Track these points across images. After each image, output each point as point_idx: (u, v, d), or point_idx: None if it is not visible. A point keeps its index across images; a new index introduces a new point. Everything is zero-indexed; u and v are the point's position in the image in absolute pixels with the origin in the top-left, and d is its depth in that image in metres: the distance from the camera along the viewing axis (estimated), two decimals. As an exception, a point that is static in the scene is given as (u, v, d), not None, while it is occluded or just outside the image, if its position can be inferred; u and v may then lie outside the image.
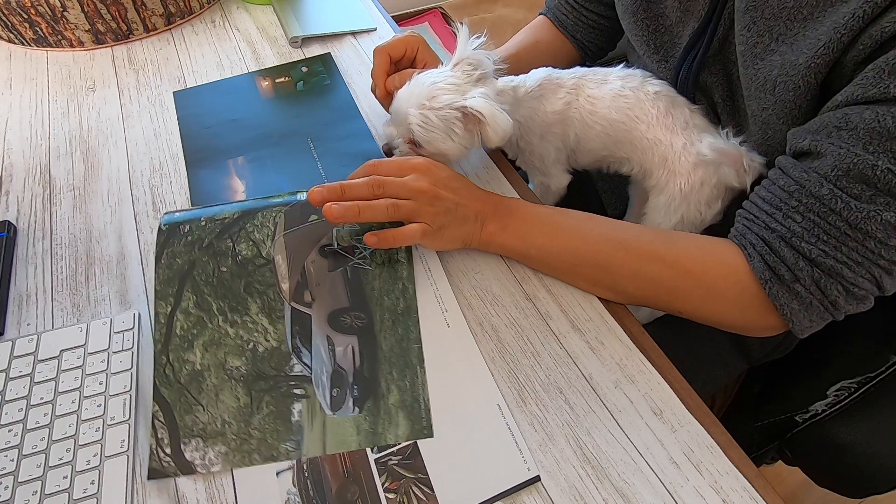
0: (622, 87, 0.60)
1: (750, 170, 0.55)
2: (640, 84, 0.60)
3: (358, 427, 0.45)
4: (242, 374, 0.47)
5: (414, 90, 0.55)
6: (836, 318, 0.46)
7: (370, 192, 0.50)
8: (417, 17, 2.03)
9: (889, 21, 0.39)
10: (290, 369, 0.47)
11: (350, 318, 0.50)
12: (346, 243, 0.53)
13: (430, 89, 0.54)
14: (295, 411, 0.46)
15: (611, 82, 0.60)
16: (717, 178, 0.57)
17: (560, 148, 0.63)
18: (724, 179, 0.57)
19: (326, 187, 0.49)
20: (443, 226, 0.51)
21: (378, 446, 0.44)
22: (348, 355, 0.48)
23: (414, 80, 0.56)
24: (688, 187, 0.58)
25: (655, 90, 0.59)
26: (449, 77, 0.55)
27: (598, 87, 0.61)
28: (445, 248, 0.55)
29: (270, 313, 0.49)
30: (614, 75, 0.61)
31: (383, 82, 0.61)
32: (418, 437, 0.45)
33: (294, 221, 0.53)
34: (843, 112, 0.43)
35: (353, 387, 0.47)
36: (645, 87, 0.59)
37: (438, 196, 0.51)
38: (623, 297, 0.53)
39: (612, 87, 0.60)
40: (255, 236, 0.51)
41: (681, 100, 0.60)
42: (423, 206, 0.50)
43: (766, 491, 0.42)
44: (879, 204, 0.41)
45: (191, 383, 0.46)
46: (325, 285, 0.51)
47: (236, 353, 0.47)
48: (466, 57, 0.56)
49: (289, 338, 0.48)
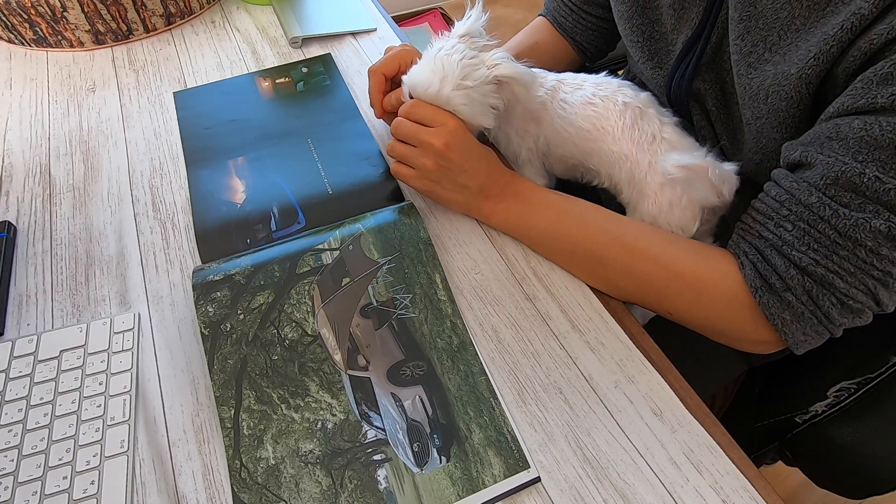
0: (592, 95, 0.57)
1: (721, 180, 0.51)
2: (612, 93, 0.57)
3: (451, 477, 0.43)
4: (318, 456, 0.45)
5: (444, 71, 0.53)
6: (832, 332, 0.45)
7: (392, 127, 0.56)
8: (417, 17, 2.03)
9: (877, 34, 0.40)
10: (363, 437, 0.46)
11: (409, 369, 0.49)
12: (385, 297, 0.52)
13: (462, 69, 0.53)
14: (380, 478, 0.44)
15: (584, 89, 0.58)
16: (688, 198, 0.54)
17: (532, 149, 0.61)
18: (698, 198, 0.54)
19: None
20: (437, 181, 0.56)
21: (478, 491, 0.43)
22: (418, 406, 0.47)
23: (433, 58, 0.54)
24: (655, 209, 0.55)
25: (625, 100, 0.56)
26: (466, 51, 0.54)
27: (571, 92, 0.58)
28: (447, 206, 0.60)
29: (330, 387, 0.48)
30: (590, 82, 0.59)
31: (380, 102, 0.62)
32: (516, 472, 0.43)
33: (328, 290, 0.52)
34: (834, 123, 0.43)
35: (433, 436, 0.45)
36: (615, 97, 0.57)
37: (444, 156, 0.54)
38: (616, 292, 0.54)
39: (583, 94, 0.58)
40: (296, 316, 0.51)
41: (652, 112, 0.57)
42: (421, 158, 0.55)
43: (766, 491, 0.42)
44: (868, 212, 0.41)
45: (268, 481, 0.44)
46: (376, 345, 0.50)
47: (307, 436, 0.46)
48: (472, 31, 0.56)
49: (354, 406, 0.47)
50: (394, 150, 0.57)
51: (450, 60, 0.53)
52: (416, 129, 0.55)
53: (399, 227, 0.56)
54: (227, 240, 0.58)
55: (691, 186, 0.53)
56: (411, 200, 0.61)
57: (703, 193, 0.53)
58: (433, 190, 0.58)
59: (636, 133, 0.56)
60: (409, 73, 0.56)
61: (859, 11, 0.40)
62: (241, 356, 0.49)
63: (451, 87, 0.53)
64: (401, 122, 0.56)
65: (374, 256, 0.54)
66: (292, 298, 0.52)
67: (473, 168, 0.55)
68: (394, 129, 0.56)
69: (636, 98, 0.57)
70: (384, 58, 0.62)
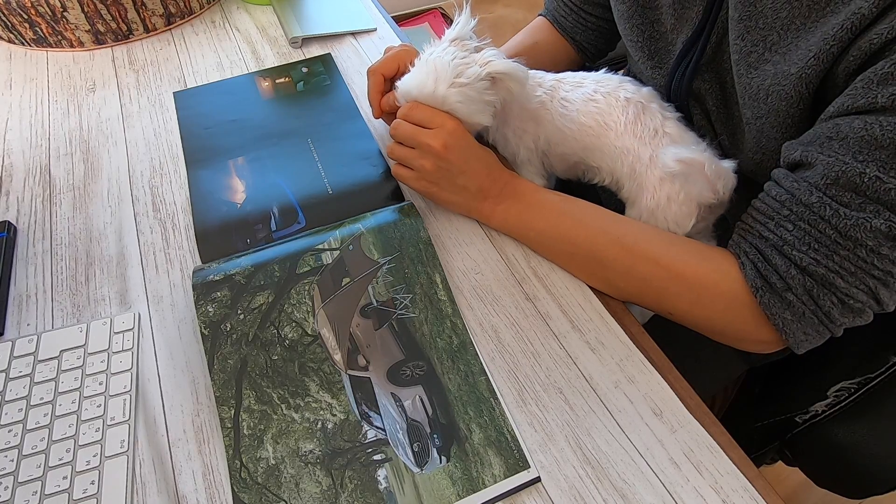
0: (594, 92, 0.58)
1: (717, 176, 0.52)
2: (613, 89, 0.57)
3: (451, 477, 0.43)
4: (318, 456, 0.45)
5: (437, 72, 0.53)
6: (833, 332, 0.45)
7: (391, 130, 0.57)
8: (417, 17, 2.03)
9: (877, 33, 0.40)
10: (363, 437, 0.46)
11: (409, 369, 0.49)
12: (385, 297, 0.52)
13: (454, 67, 0.53)
14: (380, 478, 0.44)
15: (585, 86, 0.58)
16: (685, 194, 0.54)
17: (531, 149, 0.62)
18: (694, 195, 0.54)
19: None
20: (436, 183, 0.56)
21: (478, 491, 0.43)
22: (418, 406, 0.47)
23: (425, 62, 0.55)
24: (653, 203, 0.55)
25: (627, 96, 0.57)
26: (457, 52, 0.54)
27: (572, 90, 0.59)
28: (447, 207, 0.60)
29: (330, 387, 0.48)
30: (591, 79, 0.59)
31: (378, 103, 0.62)
32: (516, 472, 0.43)
33: (328, 290, 0.52)
34: (834, 123, 0.43)
35: (433, 436, 0.46)
36: (617, 93, 0.57)
37: (442, 157, 0.54)
38: (616, 292, 0.54)
39: (585, 91, 0.58)
40: (296, 316, 0.51)
41: (654, 107, 0.57)
42: (420, 160, 0.55)
43: (766, 491, 0.42)
44: (868, 212, 0.41)
45: (268, 480, 0.44)
46: (376, 345, 0.50)
47: (307, 436, 0.46)
48: (463, 35, 0.56)
49: (354, 406, 0.47)
50: (393, 153, 0.58)
51: (442, 61, 0.53)
52: (414, 131, 0.55)
53: (399, 227, 0.56)
54: (227, 240, 0.58)
55: (688, 181, 0.53)
56: (411, 200, 0.61)
57: (699, 189, 0.53)
58: (432, 191, 0.58)
59: (639, 128, 0.56)
60: (402, 80, 0.56)
61: (859, 11, 0.40)
62: (241, 356, 0.49)
63: (446, 86, 0.53)
64: (399, 124, 0.56)
65: (374, 256, 0.54)
66: (292, 298, 0.52)
67: (472, 169, 0.56)
68: (392, 132, 0.57)
69: (638, 93, 0.58)
70: (383, 58, 0.62)
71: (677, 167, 0.52)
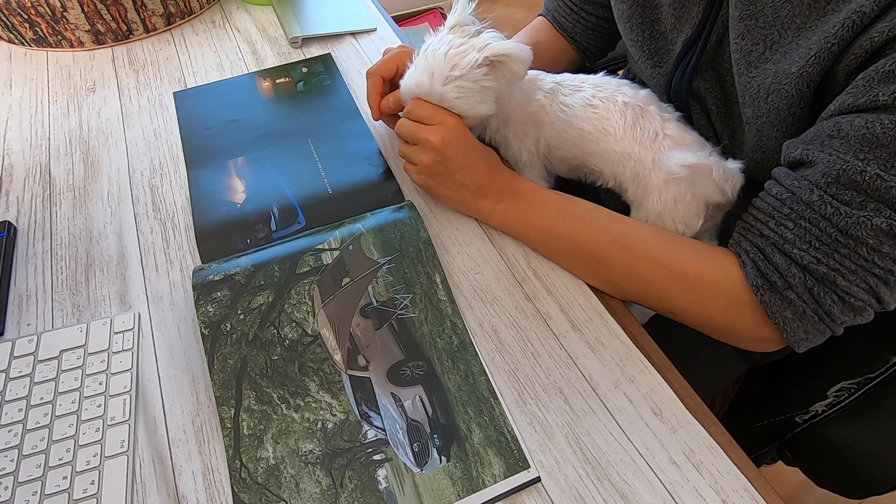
0: (592, 97, 0.57)
1: (725, 179, 0.52)
2: (611, 94, 0.57)
3: (451, 477, 0.43)
4: (318, 456, 0.45)
5: (432, 68, 0.53)
6: (833, 330, 0.45)
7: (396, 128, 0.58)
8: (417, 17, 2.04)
9: (878, 31, 0.40)
10: (363, 437, 0.46)
11: (409, 369, 0.49)
12: (385, 297, 0.52)
13: (448, 60, 0.53)
14: (380, 478, 0.44)
15: (584, 90, 0.58)
16: (692, 195, 0.54)
17: (532, 152, 0.61)
18: (702, 195, 0.54)
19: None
20: (434, 178, 0.57)
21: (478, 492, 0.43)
22: (418, 406, 0.47)
23: (420, 60, 0.55)
24: (660, 205, 0.55)
25: (625, 100, 0.56)
26: (453, 40, 0.54)
27: (571, 94, 0.58)
28: (446, 205, 0.61)
29: (330, 387, 0.48)
30: (589, 83, 0.59)
31: (377, 105, 0.62)
32: (516, 472, 0.43)
33: (329, 290, 0.52)
34: (835, 121, 0.43)
35: (433, 436, 0.46)
36: (614, 97, 0.57)
37: (441, 153, 0.55)
38: (616, 291, 0.54)
39: (583, 96, 0.58)
40: (296, 316, 0.51)
41: (652, 109, 0.57)
42: (420, 155, 0.56)
43: (766, 491, 0.42)
44: (869, 210, 0.41)
45: (269, 480, 0.44)
46: (376, 345, 0.50)
47: (307, 436, 0.46)
48: (463, 20, 0.55)
49: (354, 406, 0.47)
50: (400, 150, 0.60)
51: (436, 55, 0.53)
52: (415, 128, 0.56)
53: (399, 227, 0.56)
54: (227, 240, 0.58)
55: (695, 184, 0.53)
56: (411, 200, 0.61)
57: (707, 191, 0.53)
58: (431, 186, 0.59)
59: (638, 132, 0.56)
60: (405, 78, 0.56)
61: (860, 9, 0.40)
62: (241, 356, 0.49)
63: (442, 83, 0.53)
64: (402, 122, 0.57)
65: (374, 256, 0.54)
66: (292, 298, 0.52)
67: (471, 166, 0.56)
68: (397, 129, 0.58)
69: (636, 96, 0.57)
70: (382, 60, 0.62)
71: (683, 172, 0.52)
